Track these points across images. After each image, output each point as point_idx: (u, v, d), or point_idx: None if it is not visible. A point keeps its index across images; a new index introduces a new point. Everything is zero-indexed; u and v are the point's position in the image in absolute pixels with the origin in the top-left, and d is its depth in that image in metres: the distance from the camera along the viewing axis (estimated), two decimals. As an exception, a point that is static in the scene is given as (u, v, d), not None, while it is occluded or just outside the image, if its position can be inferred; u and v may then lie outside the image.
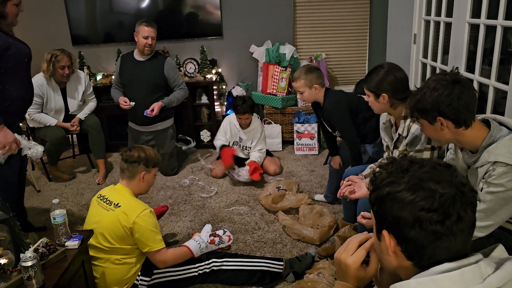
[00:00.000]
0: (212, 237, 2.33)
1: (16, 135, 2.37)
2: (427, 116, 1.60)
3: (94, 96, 3.97)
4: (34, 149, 2.49)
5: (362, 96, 2.49)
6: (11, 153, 2.35)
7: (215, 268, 2.25)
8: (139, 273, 2.16)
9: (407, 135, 2.12)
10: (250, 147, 3.82)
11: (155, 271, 2.18)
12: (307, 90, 2.82)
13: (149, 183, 2.27)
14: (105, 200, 2.15)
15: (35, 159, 2.57)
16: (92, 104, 3.93)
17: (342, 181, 2.25)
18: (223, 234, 2.36)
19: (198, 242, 2.26)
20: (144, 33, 3.52)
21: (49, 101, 3.62)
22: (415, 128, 2.08)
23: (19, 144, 2.39)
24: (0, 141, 2.28)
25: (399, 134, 2.19)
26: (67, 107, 3.74)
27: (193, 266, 2.23)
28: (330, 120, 2.86)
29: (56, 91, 3.65)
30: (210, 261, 2.26)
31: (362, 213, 1.94)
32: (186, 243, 2.25)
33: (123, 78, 3.71)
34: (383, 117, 2.33)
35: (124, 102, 3.61)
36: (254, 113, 3.76)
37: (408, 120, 2.12)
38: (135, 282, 2.15)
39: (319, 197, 3.28)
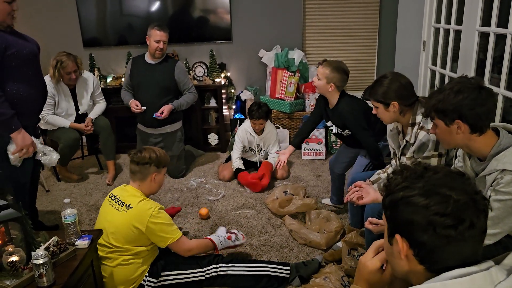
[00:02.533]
0: (228, 234, 2.47)
1: (33, 138, 2.39)
2: (446, 117, 1.57)
3: (103, 97, 4.01)
4: (49, 156, 2.52)
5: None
6: (26, 156, 2.38)
7: (222, 272, 2.27)
8: (147, 274, 2.18)
9: (415, 142, 2.13)
10: (265, 151, 3.88)
11: (163, 273, 2.21)
12: (323, 81, 2.76)
13: (160, 183, 2.30)
14: (116, 201, 2.18)
15: (48, 166, 2.57)
16: (101, 105, 3.96)
17: (350, 186, 2.26)
18: (237, 232, 2.51)
19: (217, 236, 2.39)
20: (156, 37, 3.56)
21: (60, 102, 3.66)
22: (422, 135, 2.08)
23: (35, 147, 2.42)
24: (18, 144, 2.31)
25: (406, 141, 2.19)
26: (77, 107, 3.78)
27: (201, 270, 2.25)
28: (345, 123, 2.82)
29: (66, 93, 3.69)
30: (218, 265, 2.28)
31: (369, 218, 1.95)
32: (207, 237, 2.39)
33: (133, 80, 3.75)
34: (390, 124, 2.34)
35: (136, 106, 3.65)
36: (268, 120, 3.79)
37: (416, 127, 2.12)
38: (142, 282, 2.18)
39: (327, 200, 3.32)
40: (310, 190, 3.56)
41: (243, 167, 3.77)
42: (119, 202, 2.16)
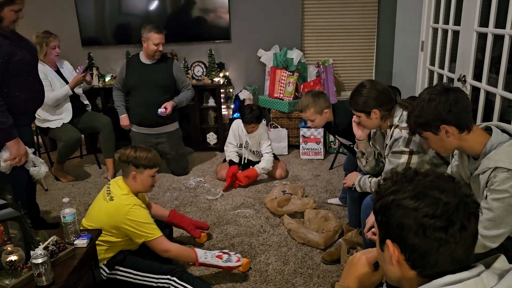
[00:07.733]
0: (220, 253, 2.32)
1: (27, 148, 2.43)
2: (431, 128, 1.62)
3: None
4: (38, 168, 2.55)
5: None
6: (17, 165, 2.41)
7: (172, 287, 2.16)
8: (105, 262, 2.18)
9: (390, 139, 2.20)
10: (258, 151, 3.86)
11: (117, 267, 2.19)
12: (318, 117, 2.82)
13: (144, 183, 2.26)
14: (107, 190, 2.25)
15: (35, 178, 2.60)
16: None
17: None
18: (233, 254, 2.34)
19: (205, 251, 2.29)
20: (155, 40, 3.56)
21: (53, 82, 3.63)
22: (396, 132, 2.14)
23: (27, 157, 2.46)
24: (13, 153, 2.36)
25: (386, 144, 2.24)
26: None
27: (154, 276, 2.17)
28: (349, 133, 2.85)
29: (53, 72, 3.69)
30: (173, 278, 2.16)
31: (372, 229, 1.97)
32: (193, 247, 2.28)
33: (130, 81, 3.74)
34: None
35: (125, 125, 3.85)
36: (261, 122, 3.79)
37: (393, 128, 2.17)
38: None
39: (334, 200, 3.33)
40: (308, 189, 3.57)
41: (236, 160, 3.81)
42: (108, 191, 2.23)
